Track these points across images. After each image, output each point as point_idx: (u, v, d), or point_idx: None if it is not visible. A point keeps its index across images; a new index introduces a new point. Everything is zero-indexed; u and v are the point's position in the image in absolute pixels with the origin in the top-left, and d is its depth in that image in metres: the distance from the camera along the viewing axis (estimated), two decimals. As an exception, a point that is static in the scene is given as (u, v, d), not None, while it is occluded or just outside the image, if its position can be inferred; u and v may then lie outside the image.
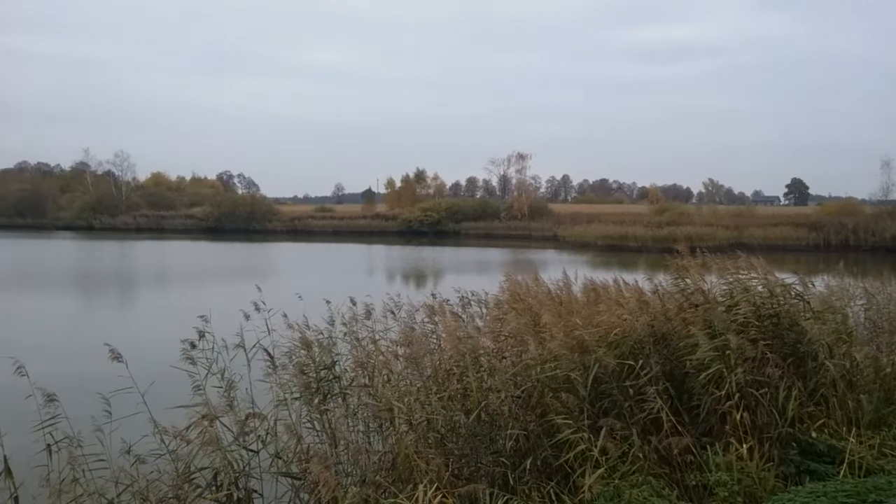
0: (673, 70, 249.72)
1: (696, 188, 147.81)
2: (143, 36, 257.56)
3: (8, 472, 4.68)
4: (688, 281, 6.98)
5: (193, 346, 6.73)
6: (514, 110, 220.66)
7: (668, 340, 6.50)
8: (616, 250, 56.55)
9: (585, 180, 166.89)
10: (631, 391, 5.83)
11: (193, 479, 4.90)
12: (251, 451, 5.64)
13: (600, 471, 5.09)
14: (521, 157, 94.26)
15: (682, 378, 6.22)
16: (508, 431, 5.73)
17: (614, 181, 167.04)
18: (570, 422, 5.33)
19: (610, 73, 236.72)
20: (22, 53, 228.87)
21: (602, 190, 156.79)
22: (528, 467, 5.38)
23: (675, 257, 7.49)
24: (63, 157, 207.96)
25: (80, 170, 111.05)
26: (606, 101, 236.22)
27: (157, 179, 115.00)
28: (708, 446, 5.52)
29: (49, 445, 4.92)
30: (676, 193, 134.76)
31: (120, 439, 5.04)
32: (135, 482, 4.81)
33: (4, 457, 4.72)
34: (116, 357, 5.50)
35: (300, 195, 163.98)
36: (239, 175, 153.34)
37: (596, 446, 5.28)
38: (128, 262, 47.29)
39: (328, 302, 8.72)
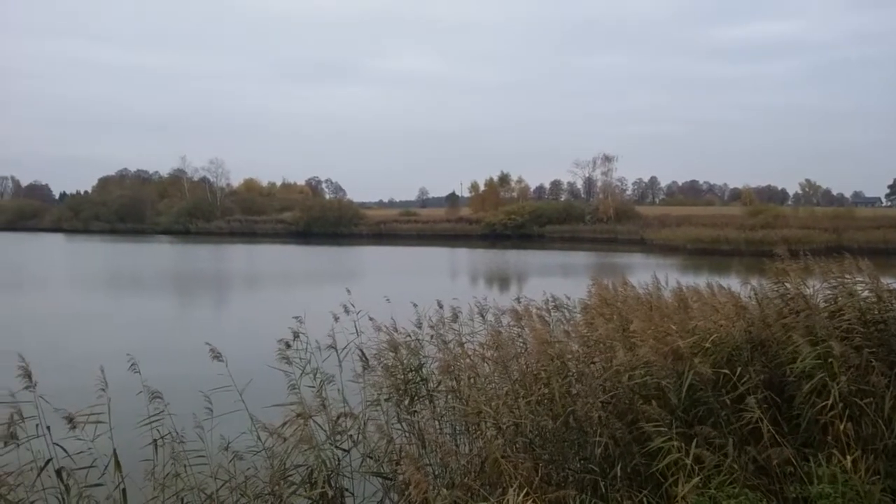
0: (765, 68, 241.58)
1: (792, 189, 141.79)
2: (235, 47, 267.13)
3: (117, 465, 4.92)
4: (787, 285, 6.71)
5: (288, 346, 6.93)
6: (599, 112, 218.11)
7: (766, 347, 6.27)
8: (707, 254, 54.95)
9: (674, 182, 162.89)
10: (728, 400, 5.65)
11: (289, 476, 5.03)
12: (343, 450, 5.75)
13: (695, 480, 4.95)
14: (607, 158, 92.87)
15: (781, 386, 5.99)
16: (597, 438, 5.64)
17: (704, 182, 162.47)
18: (664, 429, 5.21)
19: (700, 72, 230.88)
20: (123, 67, 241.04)
21: (692, 191, 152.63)
22: (618, 474, 5.29)
23: (773, 261, 7.22)
24: (161, 164, 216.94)
25: (178, 176, 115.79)
26: (696, 100, 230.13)
27: (250, 185, 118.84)
28: (810, 457, 5.30)
29: (154, 441, 5.14)
30: (771, 195, 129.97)
31: (219, 436, 5.23)
32: (232, 478, 4.98)
33: (114, 450, 4.97)
34: (217, 356, 5.71)
35: (385, 199, 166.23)
36: (327, 180, 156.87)
37: (689, 455, 5.14)
38: (223, 265, 49.00)
39: (415, 305, 8.81)
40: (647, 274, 10.92)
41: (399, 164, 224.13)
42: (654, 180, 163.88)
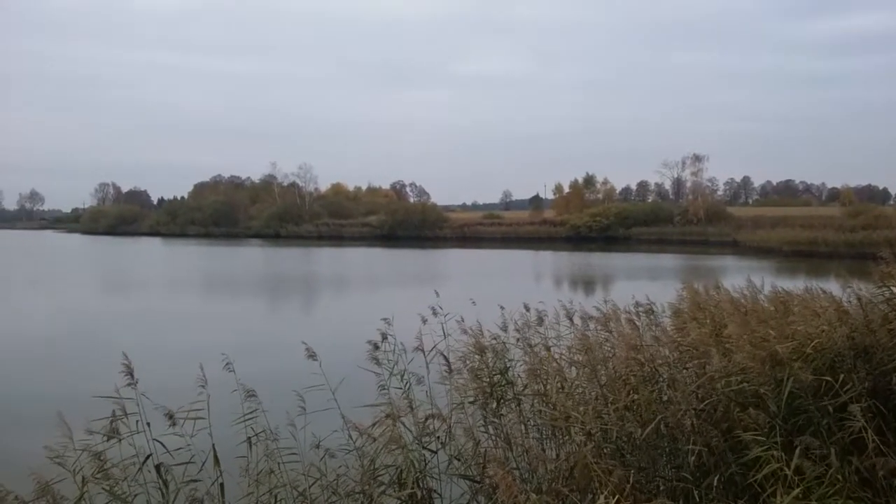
0: (862, 62, 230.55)
1: (894, 188, 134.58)
2: (322, 54, 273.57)
3: (216, 460, 5.09)
4: (894, 289, 6.36)
5: (376, 347, 7.02)
6: (687, 111, 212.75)
7: (870, 354, 5.95)
8: (804, 256, 52.77)
9: (768, 182, 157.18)
10: (830, 408, 5.39)
11: (378, 476, 5.09)
12: (430, 451, 5.78)
13: (795, 492, 4.74)
14: (697, 158, 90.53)
15: (887, 395, 5.68)
16: (690, 446, 5.48)
17: (800, 182, 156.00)
18: (761, 438, 5.01)
19: (792, 69, 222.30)
20: (215, 75, 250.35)
21: (787, 192, 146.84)
22: (713, 484, 5.12)
23: (876, 263, 6.87)
24: (253, 170, 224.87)
25: (269, 182, 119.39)
26: (790, 97, 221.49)
27: (337, 189, 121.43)
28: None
29: (249, 438, 5.30)
30: (871, 194, 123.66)
31: (311, 434, 5.34)
32: (323, 476, 5.07)
33: (213, 446, 5.14)
34: (312, 355, 5.84)
35: (468, 202, 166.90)
36: (411, 184, 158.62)
37: (789, 466, 4.93)
38: (311, 267, 50.18)
39: (502, 308, 8.78)
40: (741, 277, 10.56)
41: (482, 167, 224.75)
42: (746, 180, 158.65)
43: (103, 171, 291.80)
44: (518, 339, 8.29)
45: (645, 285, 27.56)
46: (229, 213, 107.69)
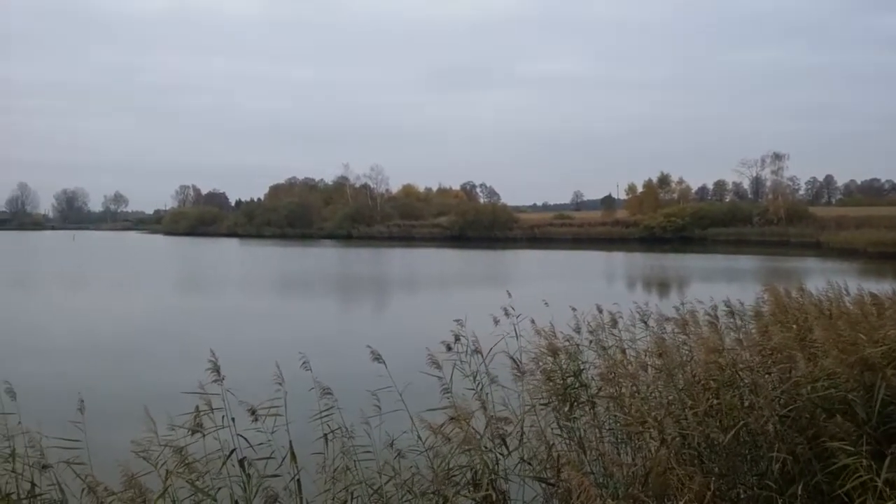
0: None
1: None
2: (391, 57, 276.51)
3: (293, 456, 5.19)
4: None
5: (448, 348, 7.04)
6: (764, 108, 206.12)
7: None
8: (891, 258, 50.46)
9: (852, 181, 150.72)
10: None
11: (452, 476, 5.10)
12: (503, 453, 5.77)
13: (887, 505, 4.53)
14: (777, 156, 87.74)
15: None
16: (774, 454, 5.31)
17: (887, 181, 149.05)
18: (849, 447, 4.81)
19: (874, 63, 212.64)
20: (287, 80, 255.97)
21: (872, 191, 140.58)
22: (798, 493, 4.94)
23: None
24: (326, 171, 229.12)
25: (341, 183, 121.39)
26: (874, 93, 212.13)
27: (408, 191, 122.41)
28: None
29: (325, 435, 5.38)
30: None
31: (385, 433, 5.40)
32: (397, 474, 5.11)
33: (290, 443, 5.24)
34: (377, 358, 5.91)
35: (539, 203, 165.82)
36: (481, 185, 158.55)
37: (880, 476, 4.71)
38: (383, 268, 50.75)
39: (574, 309, 8.68)
40: (824, 279, 10.18)
41: (553, 168, 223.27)
42: (829, 179, 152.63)
43: (184, 173, 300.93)
44: (591, 342, 8.18)
45: (722, 287, 26.82)
46: (303, 215, 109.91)
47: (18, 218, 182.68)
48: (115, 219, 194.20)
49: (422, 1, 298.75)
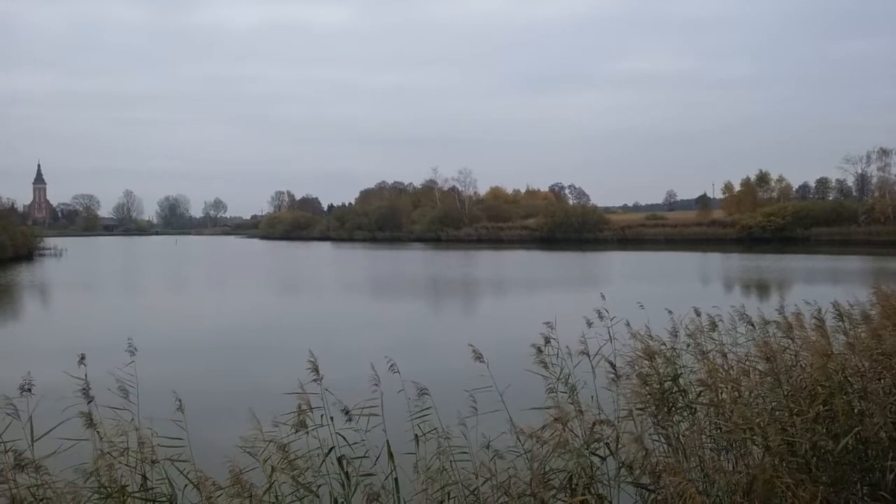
0: None
1: None
2: (478, 60, 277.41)
3: (390, 455, 5.27)
4: None
5: (539, 350, 6.98)
6: (868, 102, 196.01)
7: None
8: None
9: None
10: None
11: (549, 480, 5.06)
12: (600, 457, 5.68)
13: None
14: (884, 152, 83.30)
15: None
16: (889, 462, 5.04)
17: None
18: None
19: None
20: (376, 88, 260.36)
21: None
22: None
23: None
24: (415, 175, 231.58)
25: (430, 187, 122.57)
26: None
27: (496, 193, 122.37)
28: None
29: (417, 436, 5.43)
30: None
31: (481, 434, 5.40)
32: (493, 476, 5.11)
33: (387, 442, 5.33)
34: (479, 357, 5.92)
35: (630, 203, 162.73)
36: (570, 186, 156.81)
37: None
38: (472, 270, 50.89)
39: (670, 312, 8.47)
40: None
41: (644, 167, 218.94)
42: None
43: (279, 179, 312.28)
44: (689, 345, 7.96)
45: (827, 289, 25.67)
46: (393, 218, 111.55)
47: (124, 223, 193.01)
48: (215, 224, 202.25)
49: (508, 5, 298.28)
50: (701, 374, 7.09)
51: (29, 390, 4.71)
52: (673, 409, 6.90)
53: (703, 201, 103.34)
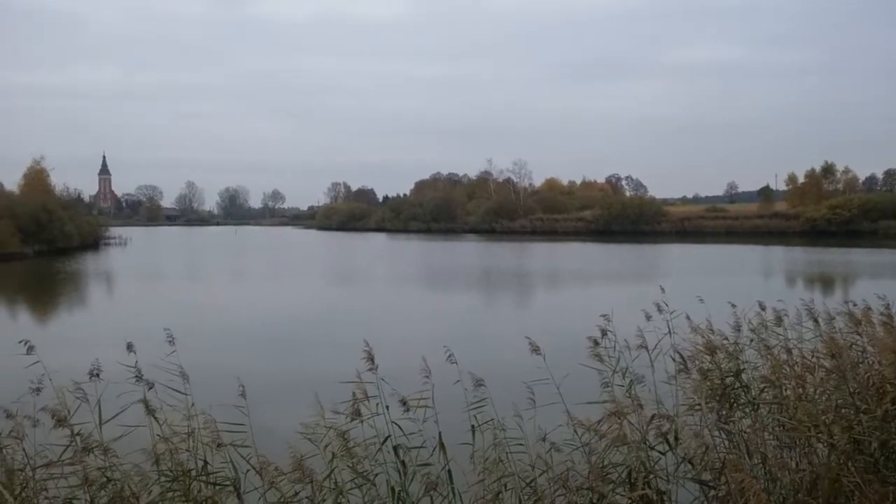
0: None
1: None
2: (529, 52, 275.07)
3: (442, 446, 5.28)
4: None
5: (596, 343, 6.90)
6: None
7: None
8: None
9: None
10: None
11: (608, 474, 5.01)
12: (659, 452, 5.60)
13: None
14: (959, 142, 79.66)
15: None
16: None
17: None
18: None
19: None
20: (432, 79, 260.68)
21: None
22: None
23: None
24: (470, 166, 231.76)
25: (484, 178, 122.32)
26: None
27: (551, 185, 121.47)
28: None
29: (474, 426, 5.43)
30: None
31: (537, 427, 5.37)
32: (550, 468, 5.07)
33: (440, 434, 5.33)
34: (535, 349, 5.87)
35: (689, 195, 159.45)
36: (627, 177, 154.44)
37: None
38: (527, 262, 50.67)
39: (733, 305, 8.27)
40: None
41: (704, 159, 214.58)
42: None
43: (335, 171, 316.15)
44: (752, 340, 7.76)
45: (893, 284, 24.74)
46: (447, 210, 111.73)
47: (186, 214, 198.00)
48: (273, 215, 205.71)
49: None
50: (764, 370, 6.92)
51: (97, 375, 4.85)
52: (735, 405, 6.76)
53: (766, 193, 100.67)
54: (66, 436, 4.63)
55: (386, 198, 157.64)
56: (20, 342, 5.02)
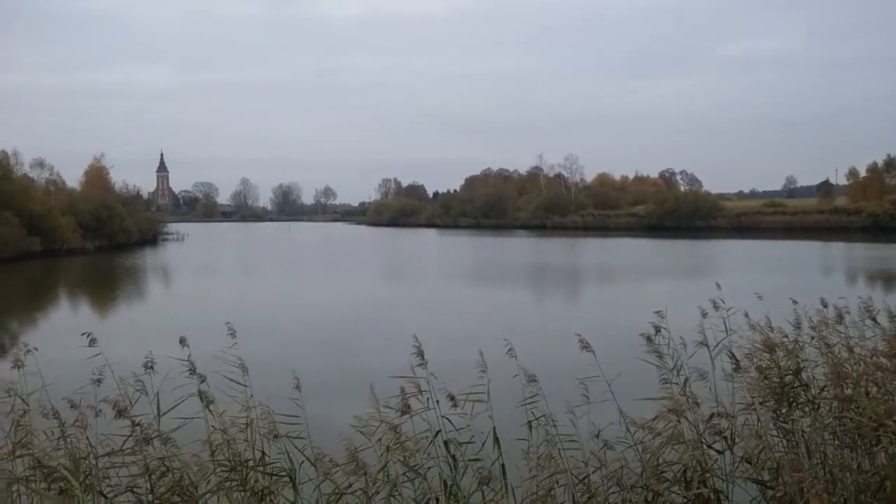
0: None
1: None
2: (580, 46, 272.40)
3: (496, 441, 5.27)
4: None
5: (649, 340, 6.80)
6: None
7: None
8: None
9: None
10: None
11: (663, 472, 4.94)
12: (716, 451, 5.49)
13: None
14: None
15: None
16: None
17: None
18: None
19: None
20: (479, 76, 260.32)
21: None
22: None
23: None
24: (520, 162, 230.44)
25: (535, 174, 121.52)
26: None
27: (603, 180, 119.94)
28: None
29: (529, 422, 5.41)
30: None
31: (590, 423, 5.32)
32: (604, 466, 5.03)
33: (493, 428, 5.32)
34: (586, 346, 5.82)
35: (746, 190, 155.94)
36: (681, 172, 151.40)
37: None
38: (579, 258, 50.27)
39: (795, 302, 8.07)
40: None
41: (761, 153, 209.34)
42: None
43: (386, 167, 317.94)
44: (812, 338, 7.56)
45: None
46: (498, 205, 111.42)
47: (241, 210, 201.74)
48: (325, 211, 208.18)
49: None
50: (825, 369, 6.74)
51: (151, 368, 4.97)
52: (794, 403, 6.60)
53: (826, 188, 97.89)
54: (127, 426, 4.75)
55: (436, 194, 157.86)
56: (83, 334, 5.16)
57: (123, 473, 4.74)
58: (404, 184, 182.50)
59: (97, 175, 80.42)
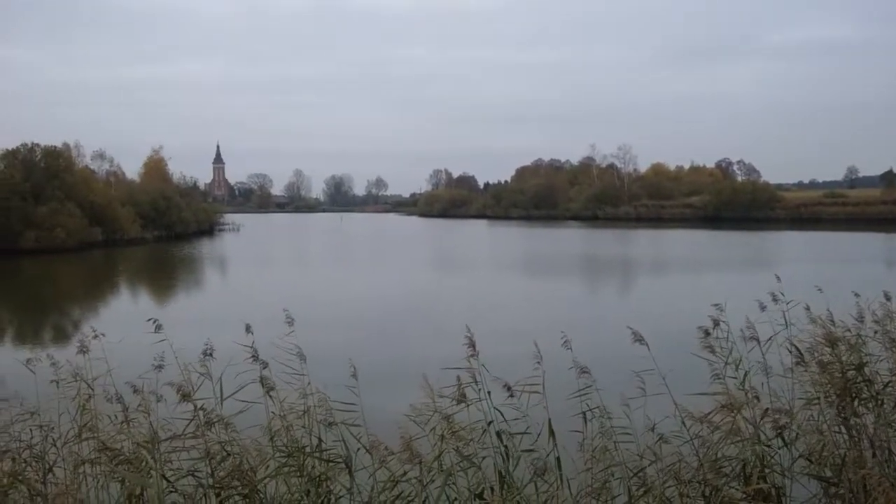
0: None
1: None
2: (632, 35, 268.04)
3: (551, 433, 5.27)
4: None
5: (707, 333, 6.69)
6: None
7: None
8: None
9: None
10: None
11: (721, 467, 4.87)
12: (776, 446, 5.39)
13: None
14: None
15: None
16: None
17: None
18: None
19: None
20: (529, 65, 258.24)
21: None
22: None
23: None
24: (572, 152, 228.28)
25: (587, 164, 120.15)
26: None
27: (657, 170, 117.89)
28: None
29: (583, 413, 5.38)
30: None
31: (645, 416, 5.27)
32: (659, 459, 4.98)
33: (549, 420, 5.31)
34: (639, 339, 5.76)
35: (805, 180, 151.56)
36: (738, 162, 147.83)
37: None
38: (633, 250, 49.64)
39: (857, 295, 7.84)
40: None
41: (821, 142, 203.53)
42: None
43: (437, 158, 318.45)
44: (876, 332, 7.34)
45: None
46: (549, 196, 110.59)
47: (295, 201, 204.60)
48: (376, 202, 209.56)
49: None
50: (889, 364, 6.54)
51: (210, 355, 5.09)
52: (857, 399, 6.42)
53: (890, 178, 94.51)
54: (188, 411, 4.87)
55: (487, 184, 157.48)
56: (148, 320, 5.31)
57: (184, 457, 4.86)
58: (455, 174, 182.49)
59: (155, 166, 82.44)
